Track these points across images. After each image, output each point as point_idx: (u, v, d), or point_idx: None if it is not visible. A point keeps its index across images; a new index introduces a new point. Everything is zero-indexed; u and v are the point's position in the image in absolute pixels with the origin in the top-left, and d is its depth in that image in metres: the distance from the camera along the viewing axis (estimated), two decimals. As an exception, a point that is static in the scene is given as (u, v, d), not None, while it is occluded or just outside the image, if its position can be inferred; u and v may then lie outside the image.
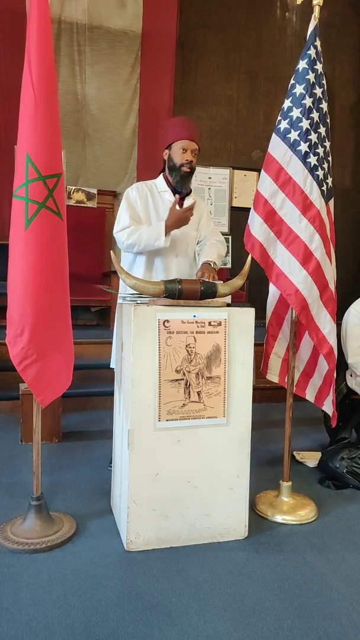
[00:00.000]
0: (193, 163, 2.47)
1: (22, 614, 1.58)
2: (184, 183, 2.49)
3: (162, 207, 2.50)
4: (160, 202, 2.51)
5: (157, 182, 2.57)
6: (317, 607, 1.66)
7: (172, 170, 2.49)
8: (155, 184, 2.56)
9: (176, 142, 2.46)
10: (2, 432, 3.23)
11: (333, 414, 2.34)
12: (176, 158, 2.46)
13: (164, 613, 1.60)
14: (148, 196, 2.51)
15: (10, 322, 1.93)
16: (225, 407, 1.99)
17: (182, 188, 2.50)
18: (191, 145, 2.45)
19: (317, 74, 2.15)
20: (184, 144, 2.44)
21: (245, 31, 5.96)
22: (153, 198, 2.51)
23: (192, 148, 2.45)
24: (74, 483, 2.53)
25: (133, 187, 2.55)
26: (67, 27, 5.15)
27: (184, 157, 2.44)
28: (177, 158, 2.46)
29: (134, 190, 2.52)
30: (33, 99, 1.87)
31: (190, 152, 2.45)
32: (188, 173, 2.47)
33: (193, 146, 2.46)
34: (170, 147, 2.49)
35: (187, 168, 2.45)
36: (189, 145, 2.45)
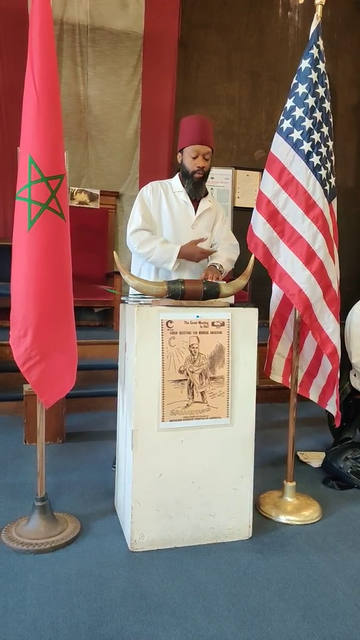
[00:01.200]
0: (205, 168, 2.42)
1: (27, 614, 1.58)
2: (197, 190, 2.46)
3: (177, 206, 2.47)
4: (175, 202, 2.48)
5: (172, 181, 2.53)
6: (322, 607, 1.66)
7: (185, 176, 2.46)
8: (170, 184, 2.52)
9: (187, 147, 2.42)
10: (6, 433, 3.24)
11: (337, 414, 2.34)
12: (187, 164, 2.42)
13: (168, 613, 1.60)
14: (162, 196, 2.47)
15: (13, 323, 1.94)
16: (229, 407, 1.99)
17: (195, 195, 2.47)
18: (202, 150, 2.38)
19: (320, 73, 2.15)
20: (195, 149, 2.38)
21: (247, 31, 5.95)
22: (167, 198, 2.48)
23: (204, 152, 2.39)
24: (77, 484, 2.53)
25: (148, 187, 2.51)
26: (69, 28, 5.16)
27: (194, 164, 2.40)
28: (188, 165, 2.42)
29: (149, 190, 2.49)
30: (35, 100, 1.87)
31: (202, 157, 2.39)
32: (201, 179, 2.43)
33: (204, 150, 2.39)
34: (182, 152, 2.45)
35: (200, 174, 2.41)
36: (200, 150, 2.38)
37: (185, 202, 2.48)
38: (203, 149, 2.39)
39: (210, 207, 2.54)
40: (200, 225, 2.49)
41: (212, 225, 2.57)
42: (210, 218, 2.54)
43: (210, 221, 2.54)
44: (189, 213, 2.48)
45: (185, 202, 2.48)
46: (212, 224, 2.56)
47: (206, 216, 2.52)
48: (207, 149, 2.41)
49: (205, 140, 2.41)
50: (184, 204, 2.48)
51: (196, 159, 2.39)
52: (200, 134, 2.40)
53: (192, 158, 2.40)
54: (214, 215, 2.57)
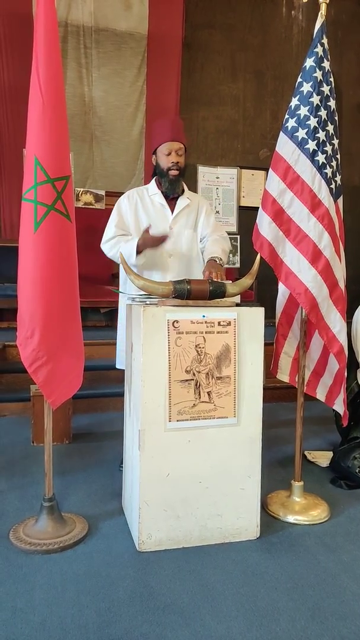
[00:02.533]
0: (180, 163, 2.43)
1: (36, 614, 1.59)
2: (174, 187, 2.47)
3: (153, 209, 2.49)
4: (150, 206, 2.50)
5: (149, 186, 2.56)
6: (331, 608, 1.65)
7: (161, 175, 2.47)
8: (147, 188, 2.56)
9: (159, 146, 2.44)
10: (13, 434, 3.25)
11: (344, 413, 2.33)
12: (162, 163, 2.44)
13: (176, 613, 1.60)
14: (138, 202, 2.51)
15: (20, 324, 1.95)
16: (236, 407, 1.99)
17: (172, 193, 2.48)
18: (174, 146, 2.40)
19: (325, 72, 2.14)
20: (167, 147, 2.41)
21: (251, 30, 5.94)
22: (143, 202, 2.51)
23: (176, 148, 2.41)
24: (85, 484, 2.54)
25: (125, 196, 2.56)
26: (73, 29, 5.18)
27: (169, 160, 2.42)
28: (163, 162, 2.44)
29: (125, 199, 2.54)
30: (41, 102, 1.88)
31: (175, 152, 2.41)
32: (177, 176, 2.44)
33: (176, 146, 2.41)
34: (155, 153, 2.47)
35: (175, 171, 2.42)
36: (172, 146, 2.40)
37: (162, 204, 2.49)
38: (175, 145, 2.41)
39: (189, 204, 2.53)
40: (179, 224, 2.49)
41: (195, 220, 2.56)
42: (191, 214, 2.53)
43: (190, 217, 2.53)
44: (166, 214, 2.50)
45: (162, 204, 2.49)
46: (194, 220, 2.55)
47: (185, 214, 2.52)
48: (180, 145, 2.42)
49: (176, 136, 2.42)
50: (160, 206, 2.49)
51: (170, 156, 2.41)
52: (171, 131, 2.42)
53: (166, 155, 2.42)
54: (194, 211, 2.56)
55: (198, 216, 2.57)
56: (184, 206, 2.51)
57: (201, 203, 2.62)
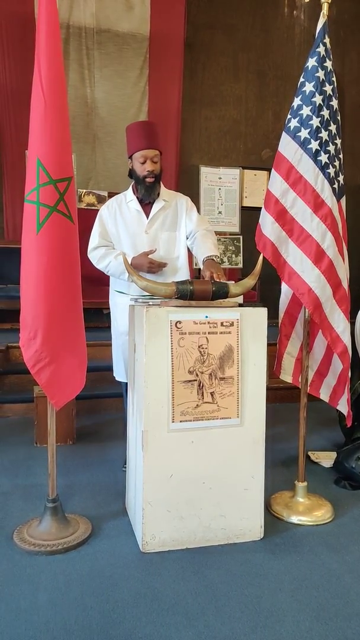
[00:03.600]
0: (155, 171, 2.44)
1: (40, 615, 1.59)
2: (150, 193, 2.48)
3: (129, 216, 2.51)
4: (127, 213, 2.52)
5: (127, 192, 2.58)
6: (335, 608, 1.65)
7: (137, 182, 2.49)
8: (125, 195, 2.57)
9: (134, 153, 2.45)
10: (17, 435, 3.25)
11: (348, 414, 2.32)
12: (138, 170, 2.46)
13: (180, 614, 1.60)
14: (117, 211, 2.53)
15: (23, 326, 1.95)
16: (239, 407, 1.98)
17: (148, 199, 2.49)
18: (149, 154, 2.41)
19: (327, 72, 2.14)
20: (142, 154, 2.41)
21: (253, 31, 5.94)
22: (121, 210, 2.53)
23: (151, 156, 2.42)
24: (88, 485, 2.54)
25: (105, 205, 2.59)
26: (75, 31, 5.19)
27: (144, 169, 2.43)
28: (138, 170, 2.46)
29: (105, 209, 2.56)
30: (43, 103, 1.88)
31: (150, 160, 2.42)
32: (152, 183, 2.45)
33: (151, 154, 2.42)
34: (131, 158, 2.48)
35: (151, 178, 2.44)
36: (147, 154, 2.41)
37: (137, 210, 2.51)
38: (150, 152, 2.42)
39: (164, 206, 2.52)
40: (155, 228, 2.50)
41: (174, 220, 2.54)
42: (167, 216, 2.53)
43: (167, 219, 2.53)
44: (141, 219, 2.51)
45: (137, 209, 2.51)
46: (172, 221, 2.54)
47: (160, 217, 2.52)
48: (155, 152, 2.44)
49: (151, 144, 2.43)
50: (135, 212, 2.51)
51: (145, 164, 2.43)
52: (145, 139, 2.43)
53: (141, 163, 2.43)
54: (172, 211, 2.54)
55: (178, 215, 2.56)
56: (158, 209, 2.51)
57: (179, 201, 2.59)
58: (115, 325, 2.69)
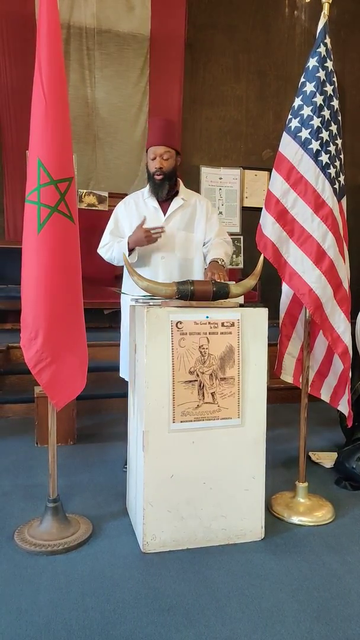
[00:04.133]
0: (164, 168, 2.42)
1: (41, 616, 1.59)
2: (158, 191, 2.47)
3: (147, 213, 2.48)
4: (145, 210, 2.50)
5: (145, 189, 2.56)
6: (336, 609, 1.65)
7: (149, 178, 2.48)
8: (142, 192, 2.56)
9: (148, 149, 2.45)
10: (17, 435, 3.26)
11: (349, 414, 2.32)
12: (149, 167, 2.46)
13: (181, 615, 1.60)
14: (133, 208, 2.52)
15: (24, 326, 1.95)
16: (240, 408, 1.98)
17: (158, 196, 2.48)
18: (158, 151, 2.40)
19: (328, 72, 2.14)
20: (152, 151, 2.41)
21: (254, 31, 5.94)
22: (138, 207, 2.51)
23: (160, 153, 2.40)
24: (89, 485, 2.54)
25: (122, 202, 2.58)
26: (76, 31, 5.19)
27: (153, 165, 2.42)
28: (149, 166, 2.45)
29: (122, 206, 2.56)
30: (44, 103, 1.88)
31: (159, 157, 2.40)
32: (161, 180, 2.43)
33: (160, 151, 2.40)
34: (147, 154, 2.48)
35: (159, 175, 2.42)
36: (156, 151, 2.40)
37: (155, 207, 2.48)
38: (160, 149, 2.40)
39: (183, 204, 2.50)
40: (171, 226, 2.47)
41: (191, 220, 2.51)
42: (185, 215, 2.50)
43: (185, 218, 2.50)
44: (159, 217, 2.49)
45: (155, 207, 2.48)
46: (191, 221, 2.51)
47: (178, 215, 2.49)
48: (165, 149, 2.40)
49: (162, 140, 2.40)
50: (153, 210, 2.49)
51: (154, 160, 2.41)
52: (158, 135, 2.41)
53: (151, 160, 2.42)
54: (190, 211, 2.52)
55: (197, 217, 2.53)
56: (176, 207, 2.49)
57: (199, 203, 2.57)
58: (124, 324, 2.66)
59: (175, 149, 2.45)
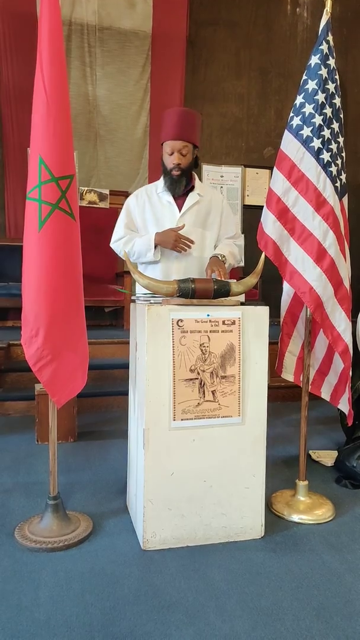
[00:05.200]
0: (182, 164, 2.33)
1: (41, 612, 1.59)
2: (175, 187, 2.38)
3: (160, 208, 2.40)
4: (158, 204, 2.41)
5: (158, 182, 2.46)
6: (336, 607, 1.65)
7: (165, 173, 2.39)
8: (156, 185, 2.46)
9: (164, 142, 2.34)
10: (18, 432, 3.26)
11: (349, 413, 2.32)
12: (165, 161, 2.35)
13: (181, 612, 1.61)
14: (146, 202, 2.43)
15: (25, 323, 1.95)
16: (240, 406, 1.98)
17: (173, 192, 2.39)
18: (176, 146, 2.29)
19: (330, 69, 2.13)
20: (170, 145, 2.30)
21: (256, 28, 5.92)
22: (151, 202, 2.42)
23: (178, 148, 2.29)
24: (90, 482, 2.54)
25: (133, 195, 2.49)
26: (77, 28, 5.18)
27: (170, 161, 2.32)
28: (166, 161, 2.35)
29: (134, 198, 2.46)
30: (45, 101, 1.88)
31: (177, 153, 2.30)
32: (179, 176, 2.34)
33: (179, 146, 2.29)
34: (162, 146, 2.37)
35: (177, 172, 2.33)
36: (174, 146, 2.29)
37: (169, 202, 2.40)
38: (178, 144, 2.29)
39: (199, 200, 2.42)
40: (186, 222, 2.38)
41: (207, 217, 2.44)
42: (201, 212, 2.42)
43: (201, 215, 2.42)
44: (173, 212, 2.40)
45: (169, 201, 2.40)
46: (206, 218, 2.43)
47: (194, 211, 2.42)
48: (184, 144, 2.30)
49: (181, 134, 2.29)
50: (167, 204, 2.40)
51: (172, 156, 2.31)
52: (177, 128, 2.28)
53: (168, 155, 2.32)
54: (205, 207, 2.43)
55: (212, 214, 2.45)
56: (192, 203, 2.41)
57: (215, 200, 2.48)
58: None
59: (193, 143, 2.35)
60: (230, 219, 2.52)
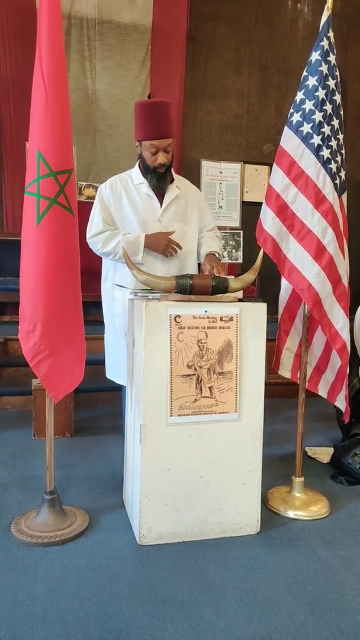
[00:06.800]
0: (167, 162, 2.26)
1: (37, 607, 1.60)
2: (162, 184, 2.31)
3: (140, 200, 2.31)
4: (136, 196, 2.32)
5: (132, 173, 2.36)
6: (330, 602, 1.66)
7: (147, 171, 2.30)
8: (130, 176, 2.35)
9: (144, 141, 2.24)
10: (15, 427, 3.26)
11: (346, 410, 2.33)
12: (148, 159, 2.25)
13: (176, 607, 1.61)
14: (122, 192, 2.32)
15: (22, 318, 1.95)
16: (237, 402, 1.99)
17: (159, 190, 2.32)
18: (162, 144, 2.20)
19: (331, 66, 2.12)
20: (153, 144, 2.21)
21: (256, 24, 5.89)
22: (128, 193, 2.32)
23: (164, 146, 2.20)
24: (86, 477, 2.55)
25: (107, 184, 2.35)
26: (77, 22, 5.15)
27: (154, 160, 2.23)
28: (149, 160, 2.25)
29: (107, 189, 2.33)
30: (44, 95, 1.87)
31: (162, 152, 2.21)
32: (164, 173, 2.28)
33: (164, 144, 2.20)
34: (140, 143, 2.27)
35: (162, 169, 2.27)
36: (160, 145, 2.19)
37: (149, 195, 2.32)
38: (162, 143, 2.20)
39: (178, 195, 2.37)
40: (167, 217, 2.34)
41: (187, 211, 2.38)
42: (180, 206, 2.37)
43: (181, 209, 2.37)
44: (154, 206, 2.33)
45: (149, 195, 2.32)
46: (185, 212, 2.38)
47: (174, 206, 2.37)
48: (168, 142, 2.21)
49: (163, 132, 2.19)
50: (147, 197, 2.32)
51: (156, 155, 2.23)
52: (158, 127, 2.18)
53: (152, 154, 2.23)
54: (184, 201, 2.38)
55: (190, 207, 2.40)
56: (172, 197, 2.35)
57: (191, 193, 2.43)
58: (114, 323, 2.47)
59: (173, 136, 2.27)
60: (207, 211, 2.49)
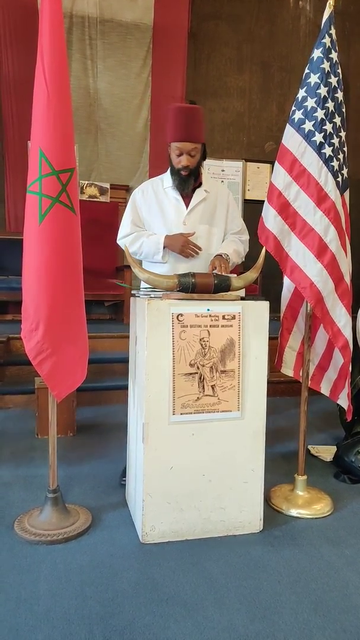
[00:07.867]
0: (191, 165, 2.28)
1: (40, 605, 1.60)
2: (184, 186, 2.33)
3: (167, 203, 2.37)
4: (165, 199, 2.38)
5: (164, 176, 2.43)
6: (334, 601, 1.66)
7: (172, 172, 2.35)
8: (162, 180, 2.42)
9: (171, 143, 2.28)
10: (18, 426, 3.27)
11: (348, 408, 2.32)
12: (173, 161, 2.30)
13: (179, 605, 1.61)
14: (152, 196, 2.39)
15: (25, 317, 1.95)
16: (240, 400, 1.99)
17: (182, 191, 2.34)
18: (186, 147, 2.24)
19: (333, 63, 2.12)
20: (178, 147, 2.25)
21: (258, 21, 5.88)
22: (157, 196, 2.38)
23: (187, 150, 2.24)
24: (89, 476, 2.55)
25: (139, 189, 2.44)
26: (78, 21, 5.14)
27: (178, 162, 2.27)
28: (174, 161, 2.30)
29: (140, 193, 2.42)
30: (46, 93, 1.87)
31: (187, 154, 2.25)
32: (188, 176, 2.30)
33: (188, 147, 2.24)
34: (169, 145, 2.32)
35: (185, 172, 2.29)
36: (184, 148, 2.24)
37: (176, 199, 2.36)
38: (187, 146, 2.24)
39: (206, 197, 2.38)
40: (192, 220, 2.36)
41: (215, 213, 2.40)
42: (207, 208, 2.39)
43: (207, 211, 2.39)
44: (180, 209, 2.37)
45: (176, 198, 2.36)
46: (213, 213, 2.40)
47: (200, 208, 2.38)
48: (193, 146, 2.25)
49: (189, 136, 2.24)
50: (174, 200, 2.37)
51: (180, 157, 2.27)
52: (184, 129, 2.24)
53: (177, 156, 2.28)
54: (212, 203, 2.39)
55: (219, 210, 2.42)
56: (199, 200, 2.38)
57: (221, 195, 2.44)
58: None
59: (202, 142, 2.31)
60: (236, 214, 2.50)
